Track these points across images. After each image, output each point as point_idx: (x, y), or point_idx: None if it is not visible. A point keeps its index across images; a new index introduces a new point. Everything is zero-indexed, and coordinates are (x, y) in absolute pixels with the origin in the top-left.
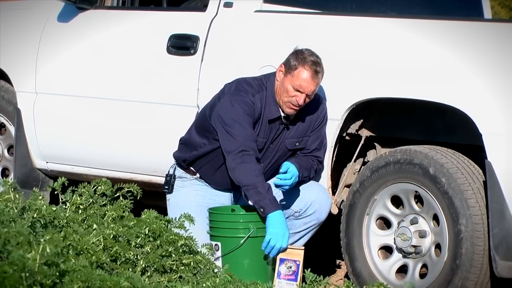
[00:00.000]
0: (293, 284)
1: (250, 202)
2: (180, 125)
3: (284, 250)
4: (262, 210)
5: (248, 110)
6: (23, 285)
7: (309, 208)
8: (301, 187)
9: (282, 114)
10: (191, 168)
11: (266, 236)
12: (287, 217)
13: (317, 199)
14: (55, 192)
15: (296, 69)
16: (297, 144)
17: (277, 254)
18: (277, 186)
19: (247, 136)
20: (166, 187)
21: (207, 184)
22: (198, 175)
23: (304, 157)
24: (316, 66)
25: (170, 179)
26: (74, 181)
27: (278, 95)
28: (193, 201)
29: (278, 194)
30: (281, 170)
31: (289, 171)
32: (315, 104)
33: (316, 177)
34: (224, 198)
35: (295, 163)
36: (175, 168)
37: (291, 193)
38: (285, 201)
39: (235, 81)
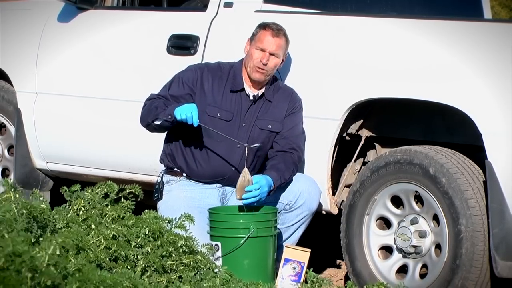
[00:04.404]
0: (296, 285)
1: (164, 119)
2: None
3: (196, 116)
4: (170, 116)
5: (186, 75)
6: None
7: (299, 198)
8: None
9: (248, 89)
10: (175, 168)
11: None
12: (279, 212)
13: (306, 189)
14: (68, 200)
15: (258, 33)
16: (270, 126)
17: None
18: (245, 204)
19: (166, 89)
20: (155, 195)
21: (194, 182)
22: (184, 174)
23: (280, 155)
24: (278, 30)
25: (159, 187)
26: (75, 181)
27: (246, 65)
28: (183, 202)
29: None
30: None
31: (258, 182)
32: (290, 92)
33: (315, 176)
34: (213, 195)
35: (271, 171)
36: (162, 175)
37: (279, 188)
38: (274, 196)
39: None
